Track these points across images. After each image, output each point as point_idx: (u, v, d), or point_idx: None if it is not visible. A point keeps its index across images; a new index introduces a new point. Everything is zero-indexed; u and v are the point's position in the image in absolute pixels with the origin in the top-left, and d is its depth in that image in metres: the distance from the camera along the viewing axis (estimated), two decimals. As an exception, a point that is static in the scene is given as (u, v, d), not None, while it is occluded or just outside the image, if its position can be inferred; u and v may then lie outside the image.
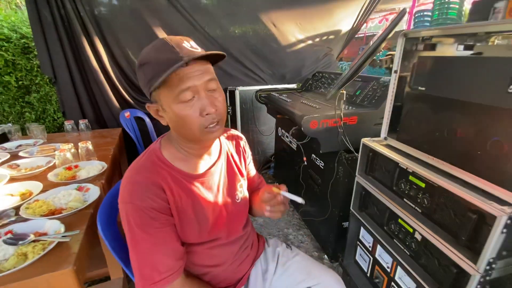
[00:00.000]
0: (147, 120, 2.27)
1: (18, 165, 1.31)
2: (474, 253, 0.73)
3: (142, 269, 0.66)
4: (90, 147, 1.42)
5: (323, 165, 1.65)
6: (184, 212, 0.71)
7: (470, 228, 0.74)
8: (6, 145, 1.59)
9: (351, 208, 1.36)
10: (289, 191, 0.70)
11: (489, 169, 0.73)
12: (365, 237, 1.32)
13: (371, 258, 1.28)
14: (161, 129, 2.47)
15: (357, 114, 1.44)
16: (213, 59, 0.68)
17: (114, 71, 2.15)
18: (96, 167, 1.26)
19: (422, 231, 0.91)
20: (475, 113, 0.77)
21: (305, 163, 1.75)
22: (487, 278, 0.70)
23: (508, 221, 0.63)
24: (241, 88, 2.53)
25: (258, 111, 2.64)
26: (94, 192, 1.05)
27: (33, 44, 1.93)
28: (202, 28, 2.37)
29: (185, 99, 0.62)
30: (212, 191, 0.78)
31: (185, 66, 0.61)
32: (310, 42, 2.83)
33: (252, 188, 0.97)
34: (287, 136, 2.14)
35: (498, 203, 0.67)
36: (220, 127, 0.69)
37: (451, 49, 1.04)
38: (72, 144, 1.42)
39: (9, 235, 0.78)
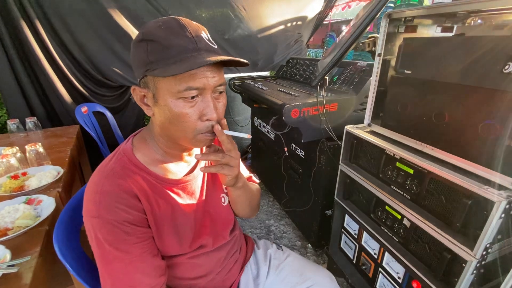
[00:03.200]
0: (108, 114, 2.04)
1: None
2: (468, 238, 0.72)
3: None
4: (41, 149, 1.22)
5: (303, 154, 1.61)
6: (163, 222, 0.61)
7: (464, 214, 0.73)
8: None
9: (335, 197, 1.34)
10: (267, 180, 0.62)
11: (482, 153, 0.71)
12: (350, 225, 1.31)
13: (357, 245, 1.28)
14: (125, 125, 2.25)
15: (337, 101, 1.40)
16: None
17: (64, 60, 1.87)
18: (49, 173, 1.08)
19: (412, 217, 0.90)
20: (466, 96, 0.75)
21: (286, 153, 1.69)
22: (483, 262, 0.70)
23: (507, 206, 0.62)
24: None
25: (232, 100, 2.52)
26: (48, 204, 0.88)
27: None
28: (165, 11, 2.16)
29: (189, 97, 0.52)
30: (195, 196, 0.68)
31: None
32: (281, 27, 2.74)
33: None
34: (264, 126, 2.07)
35: (493, 187, 0.66)
36: (214, 136, 0.59)
37: (430, 31, 1.02)
38: (17, 147, 1.20)
39: None
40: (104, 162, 0.61)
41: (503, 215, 0.64)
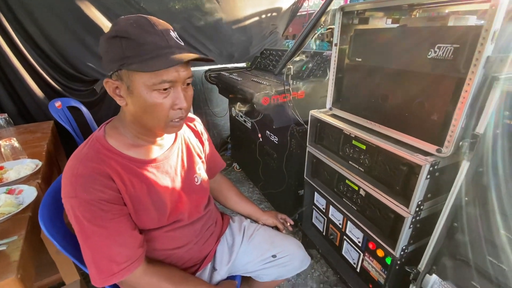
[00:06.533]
0: (83, 109, 2.04)
1: None
2: (406, 199, 0.86)
3: (98, 262, 0.63)
4: (16, 144, 1.23)
5: (277, 140, 1.71)
6: (139, 200, 0.68)
7: (402, 178, 0.87)
8: None
9: (304, 176, 1.46)
10: (247, 168, 0.73)
11: (415, 127, 0.85)
12: (319, 201, 1.45)
13: (325, 219, 1.42)
14: (102, 118, 2.25)
15: (304, 88, 1.50)
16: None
17: (33, 54, 1.84)
18: (27, 166, 1.11)
19: (365, 187, 1.03)
20: (403, 79, 0.88)
21: (260, 139, 1.79)
22: (417, 218, 0.85)
23: (431, 169, 0.76)
24: (189, 68, 2.40)
25: (209, 92, 2.57)
26: (29, 193, 0.92)
27: None
28: (137, 3, 2.15)
29: (162, 89, 0.60)
30: (169, 175, 0.75)
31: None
32: (256, 18, 2.80)
33: (213, 170, 0.98)
34: (241, 116, 2.15)
35: (423, 154, 0.80)
36: (183, 122, 0.69)
37: (381, 23, 1.14)
38: (-9, 143, 1.21)
39: None
40: (79, 148, 0.67)
41: (428, 176, 0.77)
